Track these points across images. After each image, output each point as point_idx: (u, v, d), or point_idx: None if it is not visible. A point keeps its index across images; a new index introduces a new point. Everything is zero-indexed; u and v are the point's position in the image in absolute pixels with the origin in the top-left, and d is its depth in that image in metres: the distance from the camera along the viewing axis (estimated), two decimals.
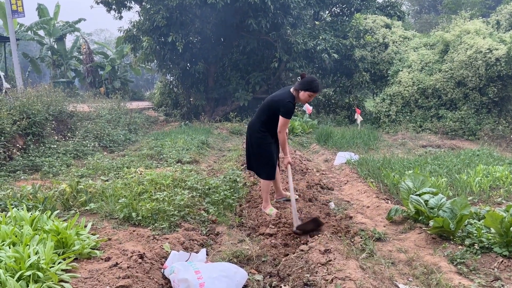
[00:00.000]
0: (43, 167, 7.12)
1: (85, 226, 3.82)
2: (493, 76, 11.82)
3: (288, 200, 5.35)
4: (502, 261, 3.30)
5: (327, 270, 3.12)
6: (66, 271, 3.02)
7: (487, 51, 11.75)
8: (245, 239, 4.15)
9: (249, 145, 4.99)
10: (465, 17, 15.17)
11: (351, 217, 4.75)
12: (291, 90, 4.67)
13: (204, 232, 4.34)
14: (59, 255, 3.19)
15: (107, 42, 43.02)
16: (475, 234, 3.70)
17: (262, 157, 4.84)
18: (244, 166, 7.54)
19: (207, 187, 5.54)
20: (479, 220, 4.05)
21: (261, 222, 4.54)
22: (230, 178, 6.08)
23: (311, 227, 4.11)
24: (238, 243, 4.07)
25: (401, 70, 13.98)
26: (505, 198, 5.11)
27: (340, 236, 3.93)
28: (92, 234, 3.73)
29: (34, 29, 24.93)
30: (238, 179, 6.13)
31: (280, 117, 4.57)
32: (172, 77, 17.88)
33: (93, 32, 49.71)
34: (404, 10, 19.56)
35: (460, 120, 12.15)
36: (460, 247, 3.63)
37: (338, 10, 18.59)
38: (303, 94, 4.57)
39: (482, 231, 3.71)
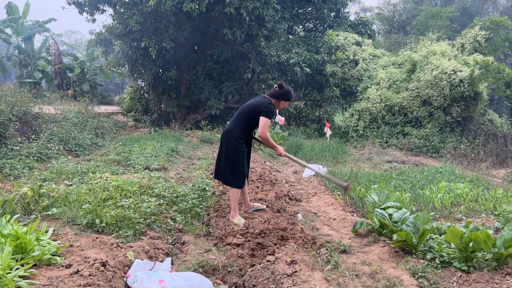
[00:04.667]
0: (4, 169, 6.84)
1: (46, 232, 3.70)
2: (457, 97, 12.30)
3: (257, 210, 5.35)
4: (461, 275, 3.40)
5: (292, 281, 3.14)
6: (24, 277, 2.91)
7: (452, 72, 12.23)
8: (211, 248, 4.12)
9: (222, 153, 4.93)
10: (432, 39, 15.78)
11: (317, 229, 4.80)
12: (267, 97, 4.81)
13: (170, 241, 4.28)
14: (17, 260, 3.07)
15: (78, 44, 42.09)
16: (436, 249, 3.81)
17: (235, 165, 4.83)
18: (213, 174, 7.50)
19: (175, 195, 5.47)
20: (440, 235, 4.18)
21: (229, 232, 4.52)
22: (199, 187, 6.04)
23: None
24: (204, 253, 4.03)
25: (370, 87, 14.34)
26: (465, 214, 5.30)
27: (306, 248, 3.96)
28: (53, 240, 3.61)
29: (1, 27, 24.13)
30: (207, 188, 6.10)
31: (262, 118, 4.66)
32: (143, 83, 17.64)
33: (63, 33, 48.58)
34: (375, 29, 20.15)
35: (424, 137, 12.54)
36: (421, 261, 3.72)
37: (312, 26, 18.94)
38: (283, 103, 4.91)
39: (443, 246, 3.82)
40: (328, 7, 17.25)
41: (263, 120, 4.66)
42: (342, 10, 18.37)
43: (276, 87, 4.86)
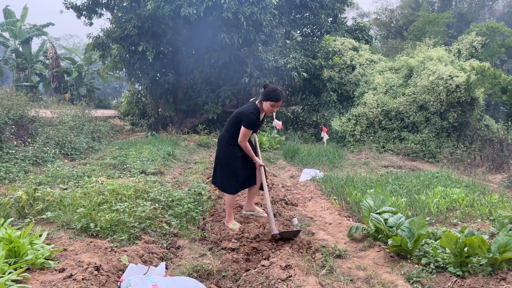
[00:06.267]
0: None
1: (40, 235, 3.68)
2: (453, 102, 12.33)
3: (254, 215, 5.33)
4: (456, 280, 3.40)
5: (287, 285, 3.13)
6: (17, 281, 2.89)
7: (448, 77, 12.27)
8: (206, 253, 4.10)
9: (216, 158, 4.96)
10: (429, 45, 15.84)
11: (313, 234, 4.79)
12: (256, 102, 4.73)
13: (165, 245, 4.26)
14: (10, 264, 3.05)
15: (76, 48, 42.11)
16: (431, 254, 3.80)
17: (228, 171, 4.82)
18: (210, 179, 7.49)
19: (170, 199, 5.45)
20: (435, 240, 4.17)
21: (224, 236, 4.51)
22: (194, 191, 6.03)
23: (290, 236, 4.34)
24: (199, 257, 4.02)
25: (367, 92, 14.37)
26: (461, 219, 5.30)
27: (301, 252, 3.95)
28: (47, 244, 3.60)
29: None
30: (203, 192, 6.09)
31: (242, 127, 4.58)
32: (140, 87, 17.65)
33: (61, 37, 48.50)
34: (372, 35, 20.20)
35: (421, 142, 12.56)
36: (416, 266, 3.72)
37: (309, 31, 18.99)
38: (265, 105, 4.63)
39: (438, 250, 3.82)
40: (325, 12, 17.31)
41: (241, 130, 4.60)
42: (339, 15, 18.44)
43: (262, 90, 4.82)
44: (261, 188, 4.98)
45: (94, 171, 7.27)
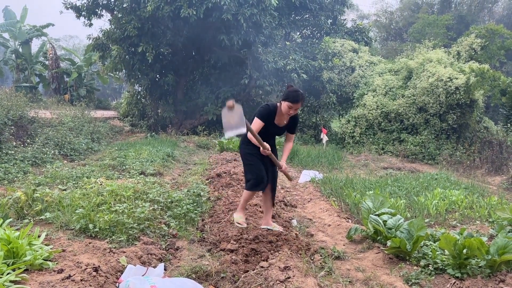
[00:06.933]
0: None
1: (39, 236, 3.67)
2: (453, 104, 12.34)
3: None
4: (455, 282, 3.40)
5: (285, 287, 3.12)
6: (15, 282, 2.88)
7: (448, 79, 12.28)
8: (205, 254, 4.10)
9: None
10: (428, 46, 15.85)
11: (312, 235, 4.79)
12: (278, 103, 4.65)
13: (164, 247, 4.26)
14: (8, 265, 3.04)
15: (76, 49, 42.10)
16: (430, 255, 3.80)
17: (245, 168, 4.75)
18: (209, 180, 7.50)
19: (169, 200, 5.45)
20: (434, 242, 4.17)
21: (223, 238, 4.50)
22: (194, 192, 6.03)
23: (235, 120, 3.86)
24: (198, 259, 4.01)
25: (366, 94, 14.37)
26: (460, 221, 5.30)
27: (300, 254, 3.95)
28: (45, 245, 3.59)
29: None
30: (202, 193, 6.09)
31: (254, 118, 4.53)
32: (140, 88, 17.68)
33: (61, 38, 48.52)
34: (372, 36, 20.24)
35: (420, 144, 12.56)
36: (415, 267, 3.72)
37: (309, 32, 19.01)
38: (283, 105, 4.49)
39: (437, 252, 3.82)
40: (325, 14, 17.33)
41: (254, 120, 4.55)
42: (339, 17, 18.45)
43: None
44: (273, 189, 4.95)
45: (93, 172, 7.26)
